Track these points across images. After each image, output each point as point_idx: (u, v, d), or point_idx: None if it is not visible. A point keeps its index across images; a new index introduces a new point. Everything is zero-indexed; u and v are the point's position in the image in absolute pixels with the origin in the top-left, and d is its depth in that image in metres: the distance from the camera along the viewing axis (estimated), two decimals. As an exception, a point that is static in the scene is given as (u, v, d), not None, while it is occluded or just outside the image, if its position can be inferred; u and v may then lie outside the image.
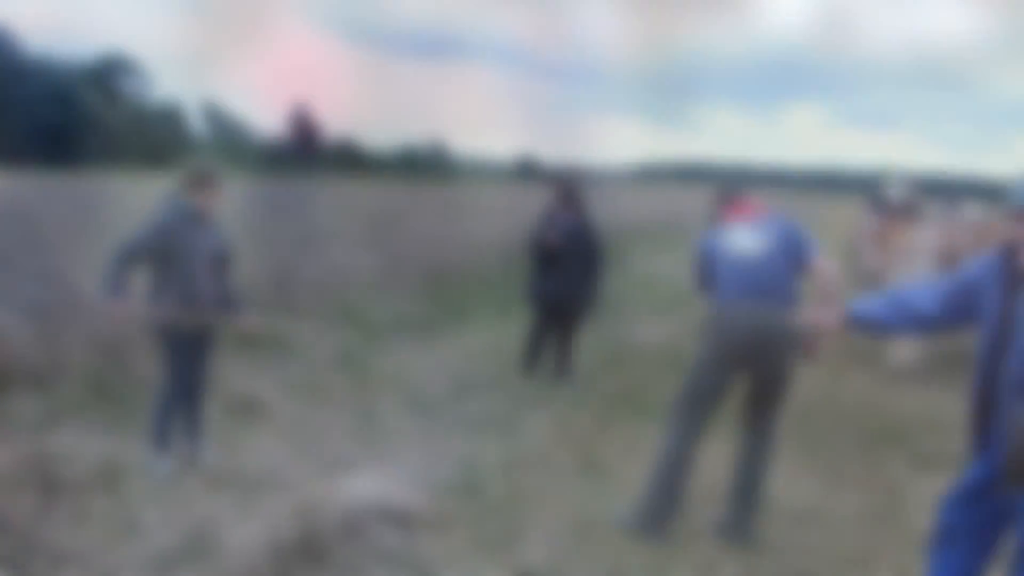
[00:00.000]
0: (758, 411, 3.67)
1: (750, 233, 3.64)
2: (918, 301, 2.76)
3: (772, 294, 3.47)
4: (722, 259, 3.62)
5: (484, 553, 3.51)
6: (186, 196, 4.18)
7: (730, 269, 3.56)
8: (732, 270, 3.55)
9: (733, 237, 3.66)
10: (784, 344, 3.51)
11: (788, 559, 3.60)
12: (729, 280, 3.53)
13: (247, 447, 4.61)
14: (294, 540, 3.28)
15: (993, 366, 2.55)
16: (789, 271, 3.57)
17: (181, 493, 3.94)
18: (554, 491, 4.23)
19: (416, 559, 3.38)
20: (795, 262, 3.58)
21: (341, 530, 3.41)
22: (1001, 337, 2.52)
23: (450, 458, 4.62)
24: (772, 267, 3.52)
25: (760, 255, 3.54)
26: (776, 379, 3.58)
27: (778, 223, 3.70)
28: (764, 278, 3.49)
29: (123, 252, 3.92)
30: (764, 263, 3.52)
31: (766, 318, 3.43)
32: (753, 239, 3.60)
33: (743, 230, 3.67)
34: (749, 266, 3.52)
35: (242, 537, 3.34)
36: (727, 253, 3.62)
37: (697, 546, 3.66)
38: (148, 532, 3.47)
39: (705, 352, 3.58)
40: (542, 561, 3.46)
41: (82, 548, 3.28)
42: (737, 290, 3.49)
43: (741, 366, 3.54)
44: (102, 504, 3.75)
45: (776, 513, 4.06)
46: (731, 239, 3.66)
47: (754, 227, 3.66)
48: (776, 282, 3.50)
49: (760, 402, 3.65)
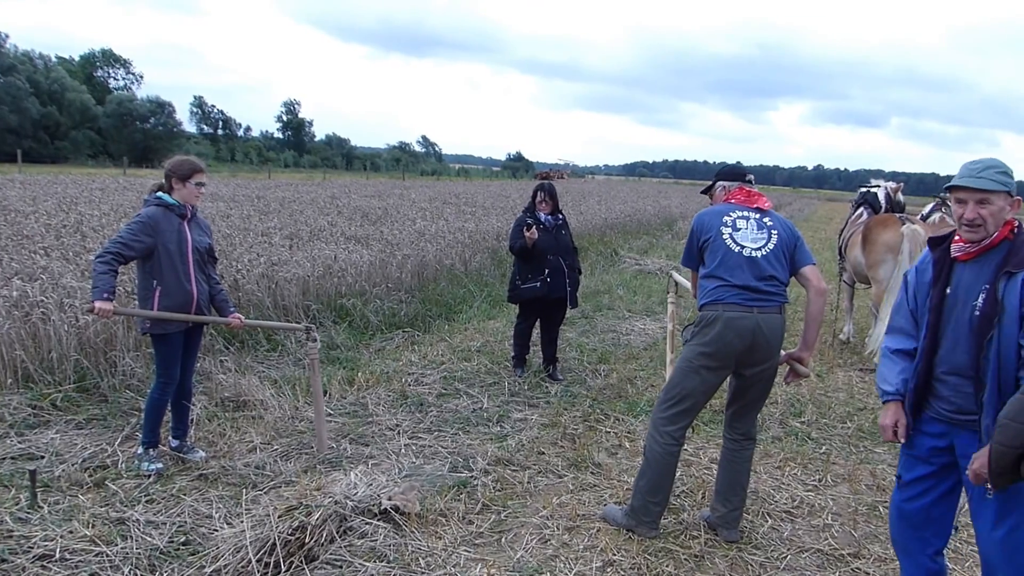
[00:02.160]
0: (744, 409, 3.69)
1: (754, 225, 3.55)
2: (907, 343, 2.81)
3: (770, 293, 3.44)
4: (721, 247, 3.49)
5: (475, 550, 3.52)
6: (170, 191, 4.14)
7: (729, 260, 3.46)
8: (731, 262, 3.45)
9: (735, 225, 3.54)
10: (779, 346, 3.52)
11: (776, 554, 3.63)
12: (727, 273, 3.44)
13: (236, 444, 4.60)
14: (284, 537, 3.27)
15: (929, 353, 2.66)
16: (785, 272, 3.53)
17: (170, 490, 3.93)
18: (544, 488, 4.25)
19: (406, 556, 3.39)
20: (790, 264, 3.56)
21: (331, 527, 3.41)
22: (934, 325, 2.62)
23: (440, 455, 4.63)
24: (771, 265, 3.47)
25: (761, 250, 3.48)
26: (765, 379, 3.59)
27: (779, 221, 3.64)
28: (763, 276, 3.44)
29: (110, 252, 3.87)
30: (764, 259, 3.46)
31: (765, 320, 3.41)
32: (755, 232, 3.53)
33: (745, 220, 3.57)
34: (754, 261, 3.45)
35: (232, 535, 3.34)
36: (727, 241, 3.50)
37: (686, 541, 3.68)
38: (137, 530, 3.45)
39: (699, 355, 3.49)
40: (532, 557, 3.48)
41: (71, 546, 3.27)
42: (735, 285, 3.41)
43: (735, 368, 3.54)
44: (91, 502, 3.74)
45: (764, 508, 4.09)
46: (733, 227, 3.54)
47: (758, 220, 3.57)
48: (773, 281, 3.46)
49: (748, 401, 3.66)
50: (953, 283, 2.59)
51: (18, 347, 5.10)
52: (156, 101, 57.68)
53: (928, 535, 2.79)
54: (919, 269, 2.79)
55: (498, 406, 5.63)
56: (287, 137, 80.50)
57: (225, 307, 4.40)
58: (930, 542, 2.79)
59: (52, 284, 6.03)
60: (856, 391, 6.51)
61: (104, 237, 8.80)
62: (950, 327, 2.58)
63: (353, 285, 8.34)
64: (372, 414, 5.29)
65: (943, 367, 2.61)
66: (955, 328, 2.56)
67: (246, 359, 6.27)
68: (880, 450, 5.15)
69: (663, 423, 3.61)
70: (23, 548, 3.25)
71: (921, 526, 2.78)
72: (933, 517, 2.77)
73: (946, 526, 2.79)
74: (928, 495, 2.75)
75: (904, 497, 2.81)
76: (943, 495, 2.74)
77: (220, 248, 7.96)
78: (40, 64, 53.10)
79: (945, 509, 2.77)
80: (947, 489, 2.73)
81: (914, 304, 2.78)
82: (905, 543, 2.85)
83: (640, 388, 6.21)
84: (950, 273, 2.62)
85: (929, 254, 2.75)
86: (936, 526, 2.78)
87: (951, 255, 2.63)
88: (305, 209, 15.72)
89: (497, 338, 7.55)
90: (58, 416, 4.81)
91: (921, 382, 2.69)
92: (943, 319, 2.60)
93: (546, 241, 6.12)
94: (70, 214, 11.62)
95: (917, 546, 2.81)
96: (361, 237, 11.21)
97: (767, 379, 3.59)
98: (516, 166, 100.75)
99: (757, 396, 3.65)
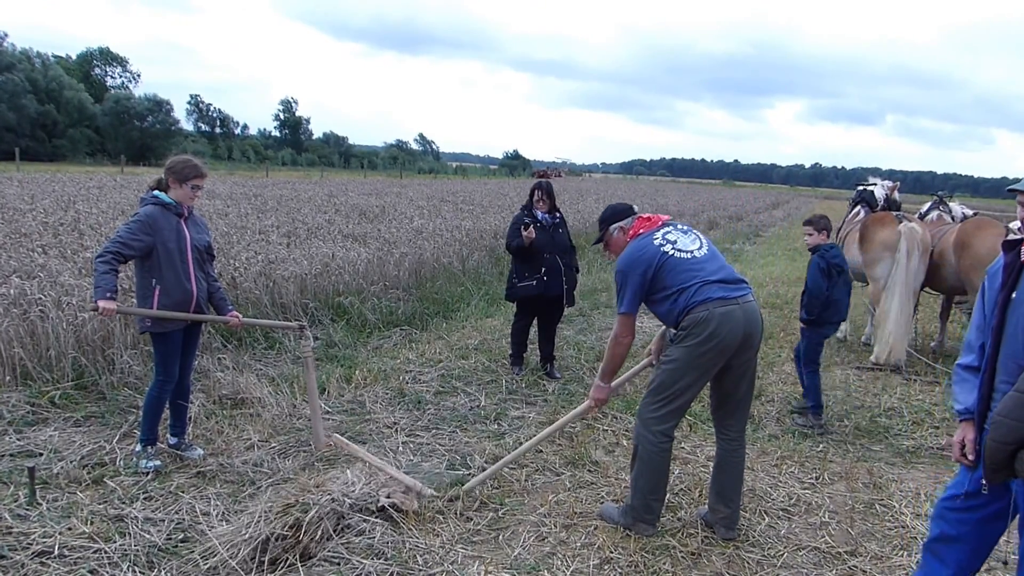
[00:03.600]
0: (737, 405, 3.70)
1: (680, 234, 3.67)
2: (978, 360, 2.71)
3: (739, 282, 3.56)
4: (674, 262, 3.54)
5: (472, 547, 3.53)
6: (167, 189, 4.13)
7: (689, 266, 3.52)
8: (693, 267, 3.52)
9: (668, 239, 3.62)
10: (759, 333, 3.58)
11: (773, 552, 3.64)
12: (701, 276, 3.49)
13: (234, 442, 4.60)
14: (281, 534, 3.28)
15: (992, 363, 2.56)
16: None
17: (168, 488, 3.94)
18: (542, 485, 4.26)
19: (404, 553, 3.39)
20: None
21: (328, 524, 3.41)
22: (998, 328, 2.54)
23: (438, 453, 4.64)
24: (718, 255, 3.65)
25: (702, 249, 3.62)
26: (752, 368, 3.66)
27: (684, 226, 3.79)
28: (723, 267, 3.58)
29: (110, 251, 3.87)
30: (712, 255, 3.61)
31: (749, 308, 3.49)
32: (686, 238, 3.65)
33: (670, 232, 3.67)
34: (706, 259, 3.57)
35: (229, 531, 3.34)
36: (674, 255, 3.56)
37: (683, 539, 3.69)
38: (135, 527, 3.46)
39: (696, 355, 3.48)
40: (530, 555, 3.49)
41: (69, 543, 3.27)
42: (712, 281, 3.48)
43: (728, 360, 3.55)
44: (89, 499, 3.74)
45: (761, 506, 4.10)
46: (671, 243, 3.61)
47: (678, 230, 3.71)
48: (729, 268, 3.60)
49: (740, 396, 3.68)
50: (1020, 287, 2.50)
51: (16, 345, 5.10)
52: (154, 99, 57.61)
53: (967, 550, 2.69)
54: (991, 275, 2.68)
55: (496, 404, 5.63)
56: (284, 135, 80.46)
57: (223, 305, 4.40)
58: (967, 556, 2.70)
59: (50, 282, 6.03)
60: (853, 389, 6.52)
61: (102, 235, 8.79)
62: (1010, 331, 2.48)
63: (351, 283, 8.35)
64: (370, 412, 5.30)
65: (1001, 375, 2.50)
66: (1014, 333, 2.46)
67: (244, 357, 6.27)
68: (877, 448, 5.16)
69: (655, 423, 3.60)
70: (22, 545, 3.25)
71: (963, 539, 2.68)
72: (978, 535, 2.66)
73: (987, 546, 2.69)
74: (979, 511, 2.63)
75: (951, 507, 2.70)
76: (993, 516, 2.61)
77: (218, 246, 7.96)
78: (38, 62, 52.99)
79: (992, 531, 2.65)
80: (997, 511, 2.60)
81: (989, 314, 2.64)
82: (940, 551, 2.75)
83: (638, 386, 6.21)
84: (1018, 277, 2.52)
85: (1002, 258, 2.63)
86: (976, 544, 2.68)
87: (1021, 259, 2.53)
88: (303, 207, 15.72)
89: (495, 336, 7.56)
90: (56, 414, 4.81)
91: (986, 391, 2.56)
92: (1007, 322, 2.51)
93: (543, 239, 6.13)
94: (68, 212, 11.61)
95: (953, 557, 2.71)
96: (359, 235, 11.22)
97: (751, 368, 3.66)
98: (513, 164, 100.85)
99: (744, 388, 3.68)
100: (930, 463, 4.94)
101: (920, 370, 7.11)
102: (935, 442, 5.29)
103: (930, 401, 6.24)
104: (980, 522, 2.64)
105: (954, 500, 2.69)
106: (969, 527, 2.66)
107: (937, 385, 6.69)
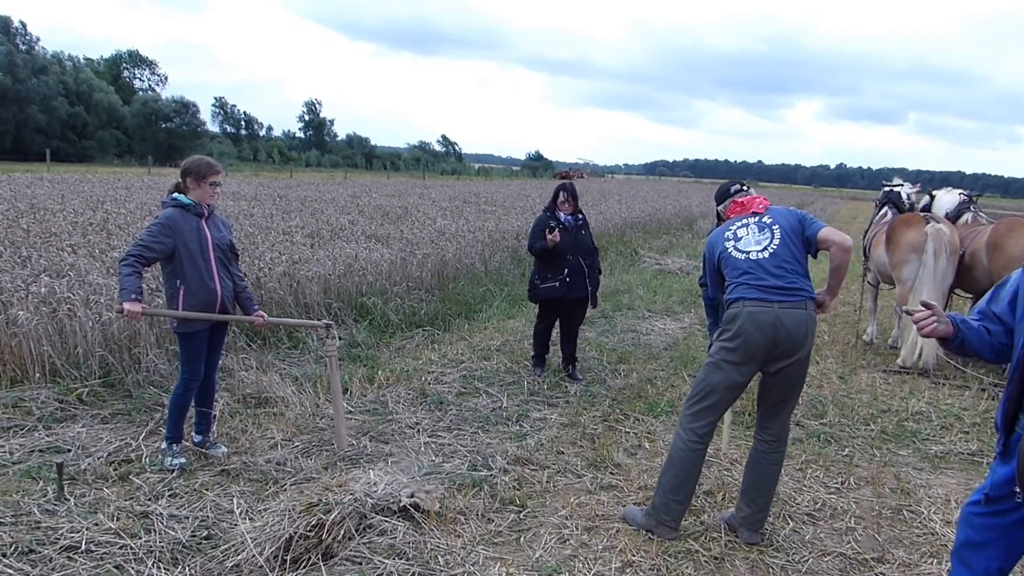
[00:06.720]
0: (773, 410, 3.65)
1: (754, 229, 3.62)
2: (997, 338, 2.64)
3: (789, 288, 3.44)
4: (730, 259, 3.59)
5: (493, 548, 3.53)
6: (186, 191, 4.17)
7: (741, 267, 3.53)
8: (744, 267, 3.52)
9: (736, 235, 3.64)
10: (804, 341, 3.47)
11: (797, 557, 3.59)
12: (745, 279, 3.49)
13: (258, 440, 4.64)
14: (303, 533, 3.30)
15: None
16: (802, 255, 3.56)
17: (193, 485, 3.98)
18: (564, 487, 4.24)
19: (425, 554, 3.40)
20: (804, 243, 3.58)
21: (351, 524, 3.43)
22: None
23: (460, 454, 4.64)
24: (784, 258, 3.50)
25: (767, 249, 3.53)
26: (791, 376, 3.55)
27: (778, 213, 3.69)
28: (779, 272, 3.46)
29: (132, 255, 3.92)
30: (773, 256, 3.50)
31: (787, 315, 3.40)
32: (757, 235, 3.59)
33: (745, 227, 3.65)
34: (762, 263, 3.50)
35: (252, 529, 3.37)
36: (732, 252, 3.59)
37: (706, 543, 3.65)
38: (160, 523, 3.50)
39: (722, 351, 3.51)
40: (551, 557, 3.47)
41: (96, 538, 3.32)
42: (755, 284, 3.45)
43: (759, 364, 3.51)
44: (115, 495, 3.79)
45: (785, 511, 4.05)
46: (734, 238, 3.63)
47: (757, 223, 3.65)
48: (792, 276, 3.47)
49: (774, 400, 3.62)
50: None
51: (45, 342, 5.19)
52: (180, 101, 58.39)
53: (994, 556, 2.58)
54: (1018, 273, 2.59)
55: (517, 405, 5.62)
56: (308, 136, 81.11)
57: (249, 305, 4.43)
58: (994, 562, 2.59)
59: (79, 281, 6.12)
60: (880, 393, 6.43)
61: (129, 235, 8.92)
62: None
63: (374, 284, 8.39)
64: (392, 412, 5.31)
65: None
66: None
67: (268, 356, 6.32)
68: (904, 452, 5.08)
69: (688, 420, 3.62)
70: (50, 539, 3.30)
71: (990, 545, 2.58)
72: (1006, 540, 2.55)
73: (1015, 552, 2.57)
74: (1005, 516, 2.52)
75: (976, 512, 2.61)
76: (1021, 521, 2.49)
77: (243, 247, 8.04)
78: (69, 65, 53.93)
79: (1020, 536, 2.53)
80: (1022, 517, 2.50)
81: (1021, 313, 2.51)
82: (966, 557, 2.66)
83: (660, 388, 6.18)
84: None
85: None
86: (1003, 549, 2.57)
87: None
88: (326, 208, 15.83)
89: (517, 337, 7.55)
90: (84, 410, 4.88)
91: (1016, 390, 2.46)
92: None
93: (566, 241, 6.11)
94: (96, 212, 11.79)
95: (980, 563, 2.61)
96: (382, 236, 11.27)
97: (793, 377, 3.53)
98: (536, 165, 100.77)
99: (783, 395, 3.60)
100: (959, 468, 4.85)
101: (949, 373, 6.98)
102: (965, 447, 5.20)
103: (959, 405, 6.13)
104: (1007, 527, 2.54)
105: (979, 504, 2.61)
106: (995, 532, 2.57)
107: (967, 389, 6.57)
